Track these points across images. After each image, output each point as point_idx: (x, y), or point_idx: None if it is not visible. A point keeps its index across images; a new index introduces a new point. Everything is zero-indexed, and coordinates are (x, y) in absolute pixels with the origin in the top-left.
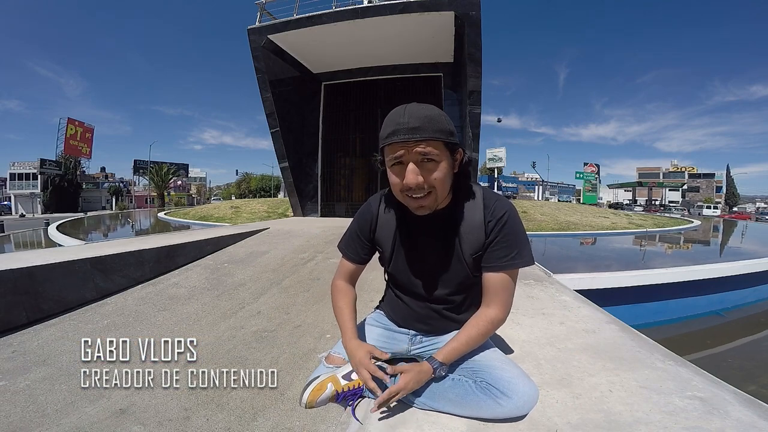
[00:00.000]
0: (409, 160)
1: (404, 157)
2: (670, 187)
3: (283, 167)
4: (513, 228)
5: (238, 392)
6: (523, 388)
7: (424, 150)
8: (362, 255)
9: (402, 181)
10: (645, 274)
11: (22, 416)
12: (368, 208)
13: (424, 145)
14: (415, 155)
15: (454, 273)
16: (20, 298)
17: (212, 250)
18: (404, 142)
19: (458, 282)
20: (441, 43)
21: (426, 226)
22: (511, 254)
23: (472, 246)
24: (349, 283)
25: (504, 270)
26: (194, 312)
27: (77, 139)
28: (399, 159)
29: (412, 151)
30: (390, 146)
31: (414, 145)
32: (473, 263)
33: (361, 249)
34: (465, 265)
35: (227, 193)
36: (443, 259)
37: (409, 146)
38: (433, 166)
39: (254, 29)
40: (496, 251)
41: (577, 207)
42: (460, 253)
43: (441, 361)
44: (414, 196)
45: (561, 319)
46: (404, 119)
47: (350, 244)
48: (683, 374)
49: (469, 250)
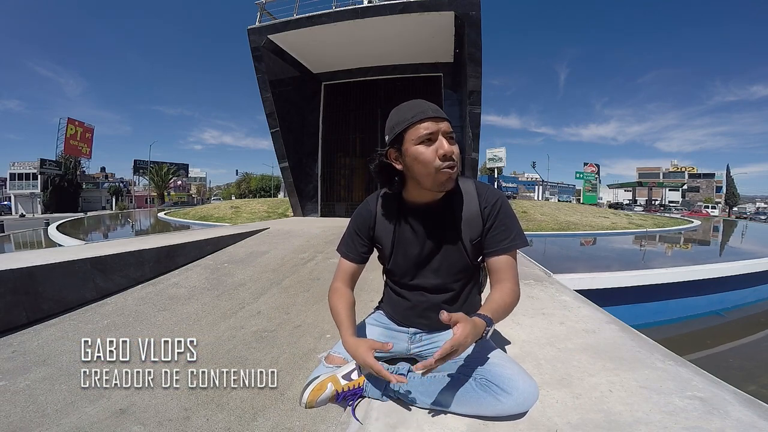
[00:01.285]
0: (440, 135)
1: (436, 133)
2: (670, 187)
3: (283, 167)
4: (508, 213)
5: (238, 392)
6: (523, 385)
7: (449, 128)
8: (362, 253)
9: (440, 152)
10: (645, 274)
11: (22, 416)
12: (366, 207)
13: (446, 124)
14: (445, 133)
15: (453, 261)
16: (20, 298)
17: (212, 250)
18: (435, 118)
19: (458, 270)
20: (441, 43)
21: (424, 219)
22: (510, 236)
23: (471, 233)
24: (347, 285)
25: (507, 252)
26: (194, 312)
27: (77, 139)
28: (431, 134)
29: (442, 128)
30: (421, 125)
31: (442, 122)
32: (472, 249)
33: (361, 247)
34: (464, 252)
35: (227, 193)
36: (443, 249)
37: (438, 123)
38: (454, 144)
39: (254, 29)
40: (497, 235)
41: (577, 207)
42: (459, 241)
43: (490, 316)
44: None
45: (561, 319)
46: (423, 105)
47: (349, 244)
48: (683, 374)
49: (468, 237)
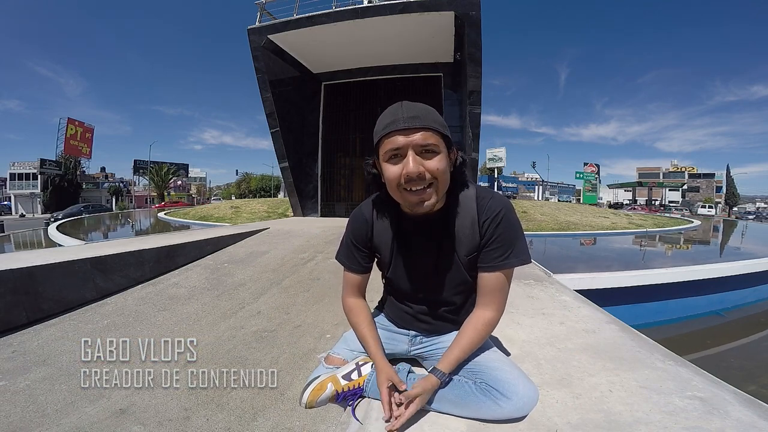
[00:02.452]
0: (408, 151)
1: (403, 148)
2: (670, 187)
3: (283, 167)
4: (508, 226)
5: (238, 392)
6: (523, 389)
7: (425, 139)
8: (364, 264)
9: (402, 172)
10: (645, 274)
11: (22, 416)
12: (361, 216)
13: (423, 133)
14: (416, 146)
15: (452, 276)
16: (20, 298)
17: (212, 250)
18: (405, 129)
19: (456, 284)
20: (441, 43)
21: (422, 230)
22: (505, 254)
23: (466, 247)
24: (359, 297)
25: (499, 269)
26: (194, 312)
27: (77, 139)
28: (397, 150)
29: (412, 141)
30: (387, 139)
31: (414, 134)
32: (469, 264)
33: (362, 258)
34: (461, 267)
35: (227, 193)
36: (440, 263)
37: (409, 135)
38: (433, 157)
39: (254, 29)
40: (491, 251)
41: (577, 207)
42: (455, 257)
43: (444, 371)
44: (414, 189)
45: (561, 319)
46: (402, 110)
47: (350, 255)
48: (683, 374)
49: (463, 252)
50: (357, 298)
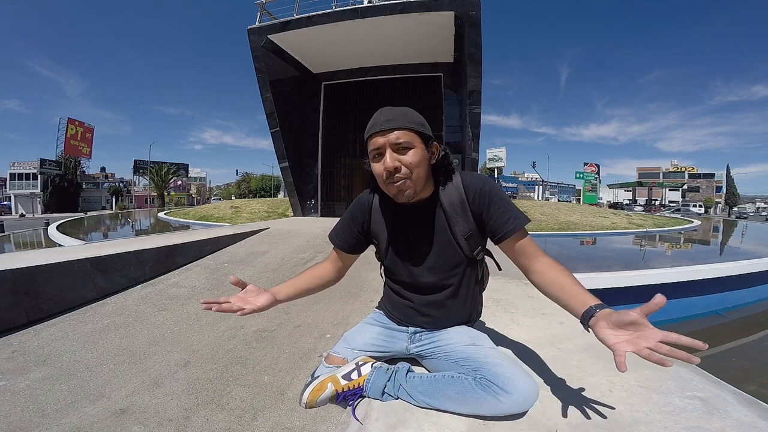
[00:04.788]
0: (386, 149)
1: (382, 147)
2: (670, 187)
3: (283, 167)
4: (498, 194)
5: (238, 392)
6: (523, 384)
7: (398, 138)
8: (350, 242)
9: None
10: (645, 274)
11: (22, 416)
12: (362, 200)
13: (397, 132)
14: (392, 144)
15: (448, 257)
16: (20, 298)
17: (212, 250)
18: (381, 131)
19: (453, 266)
20: (441, 43)
21: (415, 216)
22: (512, 215)
23: (461, 227)
24: (326, 264)
25: (517, 230)
26: (194, 312)
27: (77, 139)
28: (378, 149)
29: (388, 140)
30: (370, 141)
31: (389, 134)
32: (466, 244)
33: (351, 237)
34: (457, 247)
35: (227, 193)
36: (435, 245)
37: (385, 135)
38: (407, 152)
39: (254, 29)
40: (498, 218)
41: (577, 207)
42: (450, 236)
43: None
44: (394, 182)
45: (561, 319)
46: (380, 115)
47: (339, 233)
48: (683, 374)
49: (459, 232)
50: (325, 264)
